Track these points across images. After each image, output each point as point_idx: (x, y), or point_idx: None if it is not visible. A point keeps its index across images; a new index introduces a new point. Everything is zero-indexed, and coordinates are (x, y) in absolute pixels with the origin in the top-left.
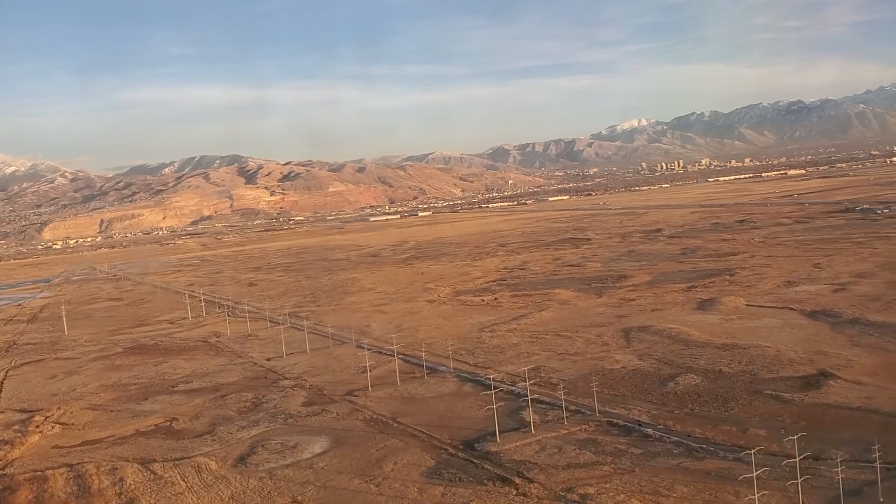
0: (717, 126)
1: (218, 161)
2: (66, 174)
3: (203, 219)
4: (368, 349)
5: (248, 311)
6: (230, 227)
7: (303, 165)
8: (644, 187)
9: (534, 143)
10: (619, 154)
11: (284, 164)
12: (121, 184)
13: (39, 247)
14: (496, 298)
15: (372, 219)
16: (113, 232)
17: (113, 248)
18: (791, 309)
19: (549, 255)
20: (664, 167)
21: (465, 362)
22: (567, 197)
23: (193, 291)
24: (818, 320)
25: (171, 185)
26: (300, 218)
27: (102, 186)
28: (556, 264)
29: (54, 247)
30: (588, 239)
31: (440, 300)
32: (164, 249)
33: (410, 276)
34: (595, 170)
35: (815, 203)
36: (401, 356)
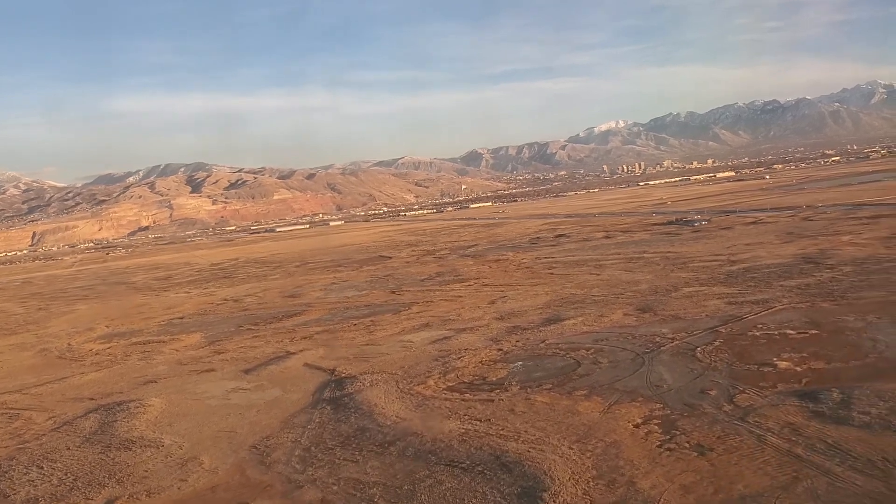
0: (693, 127)
1: (183, 169)
2: (21, 185)
3: (140, 229)
4: None
5: None
6: (158, 238)
7: (253, 173)
8: (571, 193)
9: (507, 147)
10: (592, 156)
11: (234, 172)
12: (69, 194)
13: None
14: (109, 348)
15: (279, 229)
16: (44, 245)
17: (2, 264)
18: (331, 373)
19: (306, 280)
20: (625, 169)
21: None
22: (489, 204)
23: None
24: (315, 395)
25: (115, 195)
26: (232, 228)
27: (51, 198)
28: (284, 295)
29: None
30: (390, 257)
31: (55, 350)
32: (38, 266)
33: (129, 307)
34: (563, 173)
35: (660, 213)
36: None
